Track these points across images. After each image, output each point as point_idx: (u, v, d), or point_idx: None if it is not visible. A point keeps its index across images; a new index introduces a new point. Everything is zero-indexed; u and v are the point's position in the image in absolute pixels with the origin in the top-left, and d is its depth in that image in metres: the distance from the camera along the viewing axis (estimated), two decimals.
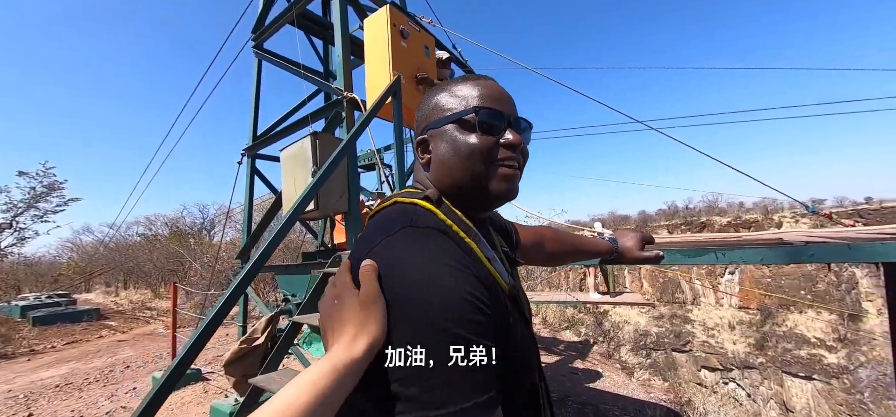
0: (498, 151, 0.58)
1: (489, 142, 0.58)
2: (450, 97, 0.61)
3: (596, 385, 4.76)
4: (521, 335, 0.53)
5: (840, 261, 1.06)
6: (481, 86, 0.61)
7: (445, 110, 0.60)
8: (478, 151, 0.57)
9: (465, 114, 0.58)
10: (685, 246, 1.29)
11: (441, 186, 0.61)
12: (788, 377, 13.20)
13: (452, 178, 0.60)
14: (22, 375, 5.37)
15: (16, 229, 11.68)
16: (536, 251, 0.98)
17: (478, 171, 0.58)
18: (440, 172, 0.61)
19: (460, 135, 0.58)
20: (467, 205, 0.61)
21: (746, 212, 17.96)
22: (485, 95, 0.59)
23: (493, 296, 0.48)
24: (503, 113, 0.59)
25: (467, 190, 0.60)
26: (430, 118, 0.63)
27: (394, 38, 2.67)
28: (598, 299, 6.37)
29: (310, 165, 2.44)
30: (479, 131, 0.58)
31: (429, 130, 0.62)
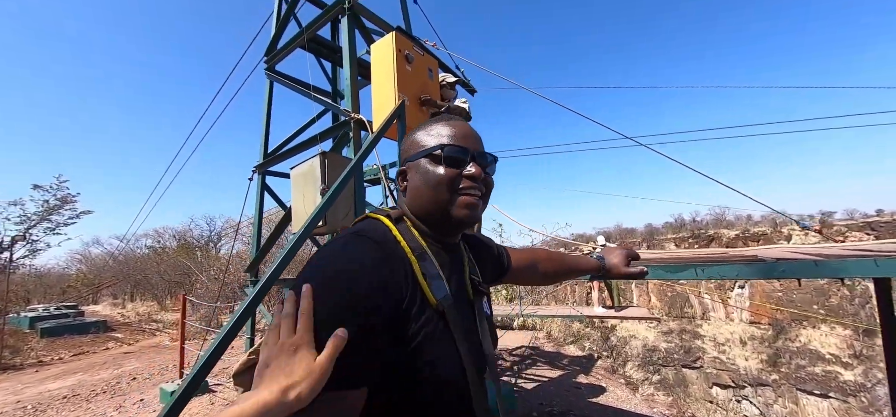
0: (460, 181, 0.68)
1: (453, 174, 0.67)
2: (425, 135, 0.71)
3: (599, 399, 4.69)
4: (439, 343, 0.60)
5: (808, 277, 1.11)
6: (451, 126, 0.71)
7: (420, 146, 0.71)
8: (443, 181, 0.67)
9: (434, 149, 0.68)
10: (667, 262, 1.35)
11: (414, 211, 0.72)
12: (804, 395, 12.87)
13: (422, 204, 0.70)
14: (30, 386, 5.41)
15: (29, 241, 11.87)
16: (530, 272, 1.08)
17: (443, 199, 0.67)
18: (413, 198, 0.71)
19: (430, 168, 0.68)
20: (436, 229, 0.71)
21: (755, 225, 17.76)
22: (452, 134, 0.70)
23: (400, 301, 0.57)
24: (467, 148, 0.69)
25: (434, 214, 0.70)
26: (408, 152, 0.74)
27: (399, 63, 2.79)
28: (602, 313, 6.32)
29: (319, 183, 2.51)
30: (444, 164, 0.67)
31: (407, 163, 0.73)
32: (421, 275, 0.62)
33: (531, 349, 7.21)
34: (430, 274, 0.63)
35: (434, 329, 0.60)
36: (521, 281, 1.09)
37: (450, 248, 0.73)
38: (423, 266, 0.63)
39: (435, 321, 0.60)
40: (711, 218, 19.81)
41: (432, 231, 0.71)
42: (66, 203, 12.08)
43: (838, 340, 13.30)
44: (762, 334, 14.69)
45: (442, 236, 0.72)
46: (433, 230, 0.71)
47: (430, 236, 0.71)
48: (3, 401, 4.71)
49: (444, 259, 0.70)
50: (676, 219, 21.23)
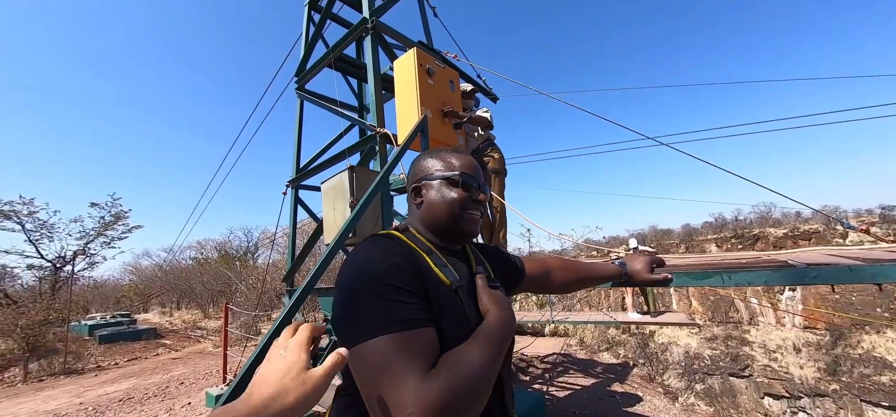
0: (470, 204, 0.85)
1: (465, 196, 0.84)
2: (441, 162, 0.88)
3: (635, 408, 4.50)
4: (454, 317, 0.70)
5: (841, 283, 1.02)
6: (463, 158, 0.88)
7: (437, 170, 0.87)
8: (457, 201, 0.84)
9: (452, 175, 0.85)
10: (692, 268, 1.29)
11: (427, 221, 0.86)
12: (869, 407, 11.82)
13: (437, 216, 0.85)
14: (91, 389, 5.85)
15: (88, 255, 12.87)
16: (545, 279, 1.16)
17: (456, 214, 0.84)
18: (430, 212, 0.86)
19: (447, 189, 0.85)
20: (444, 238, 0.86)
21: (805, 223, 16.54)
22: (465, 165, 0.87)
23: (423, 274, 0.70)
24: (476, 179, 0.87)
25: (446, 225, 0.85)
26: (423, 172, 0.89)
27: (421, 77, 2.88)
28: (637, 319, 6.07)
29: (348, 196, 2.61)
30: (460, 188, 0.84)
31: (423, 180, 0.88)
32: (432, 264, 0.76)
33: (563, 356, 7.03)
34: (439, 263, 0.77)
35: (450, 304, 0.71)
36: (537, 289, 1.19)
37: (454, 253, 0.88)
38: (432, 258, 0.77)
39: (451, 298, 0.73)
40: (756, 217, 18.62)
41: (440, 239, 0.86)
42: (120, 219, 13.02)
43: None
44: (819, 340, 13.62)
45: (448, 243, 0.87)
46: (441, 238, 0.86)
47: (434, 243, 0.85)
48: (68, 403, 5.12)
49: (450, 258, 0.84)
50: (717, 219, 20.13)
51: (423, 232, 0.86)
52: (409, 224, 0.89)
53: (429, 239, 0.85)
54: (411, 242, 0.79)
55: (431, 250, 0.79)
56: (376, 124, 3.00)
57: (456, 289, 0.73)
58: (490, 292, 0.74)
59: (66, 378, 6.77)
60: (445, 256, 0.82)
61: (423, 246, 0.79)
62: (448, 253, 0.84)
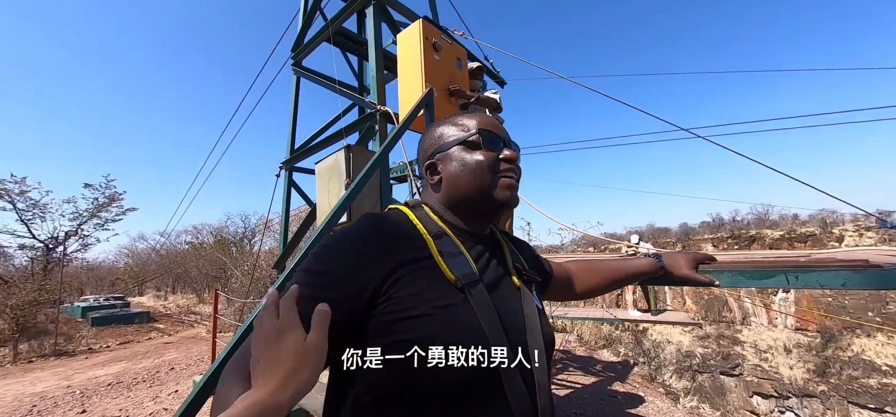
0: (499, 164, 0.70)
1: (491, 157, 0.69)
2: (453, 127, 0.73)
3: (638, 410, 4.46)
4: (457, 317, 0.56)
5: None
6: (478, 116, 0.73)
7: (451, 136, 0.72)
8: (484, 165, 0.68)
9: (470, 136, 0.70)
10: (748, 266, 1.12)
11: (451, 200, 0.71)
12: (856, 409, 11.97)
13: (462, 191, 0.69)
14: (80, 372, 5.78)
15: (81, 236, 12.73)
16: (568, 285, 0.99)
17: (484, 182, 0.68)
18: (450, 187, 0.70)
19: (467, 155, 0.69)
20: (473, 215, 0.71)
21: (801, 225, 16.60)
22: (484, 121, 0.72)
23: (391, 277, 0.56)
24: (499, 135, 0.71)
25: (475, 199, 0.69)
26: (436, 144, 0.74)
27: (426, 51, 2.70)
28: (637, 317, 6.04)
29: (343, 178, 2.47)
30: (483, 148, 0.69)
31: (437, 154, 0.73)
32: (437, 253, 0.61)
33: (563, 353, 7.01)
34: (448, 252, 0.63)
35: (451, 305, 0.57)
36: (563, 297, 1.01)
37: (481, 237, 0.72)
38: (440, 244, 0.63)
39: (452, 297, 0.58)
40: (753, 218, 18.67)
41: (468, 219, 0.71)
42: (114, 201, 12.87)
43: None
44: (809, 342, 13.75)
45: (477, 223, 0.72)
46: (469, 218, 0.71)
47: (455, 225, 0.70)
48: (56, 386, 5.05)
49: (473, 244, 0.69)
50: (714, 218, 20.16)
51: (441, 211, 0.71)
52: (425, 201, 0.74)
53: (448, 220, 0.70)
54: (419, 222, 0.66)
55: (443, 233, 0.66)
56: (377, 102, 2.83)
57: (463, 287, 0.58)
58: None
59: (57, 360, 6.69)
60: (467, 242, 0.68)
61: (435, 229, 0.66)
62: (473, 239, 0.70)
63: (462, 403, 0.53)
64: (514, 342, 0.59)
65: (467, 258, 0.64)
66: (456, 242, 0.65)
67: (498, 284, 0.66)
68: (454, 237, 0.66)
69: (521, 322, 0.63)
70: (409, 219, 0.67)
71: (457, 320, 0.56)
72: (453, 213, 0.71)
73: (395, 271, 0.56)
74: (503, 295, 0.65)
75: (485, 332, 0.56)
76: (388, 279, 0.56)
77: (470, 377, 0.53)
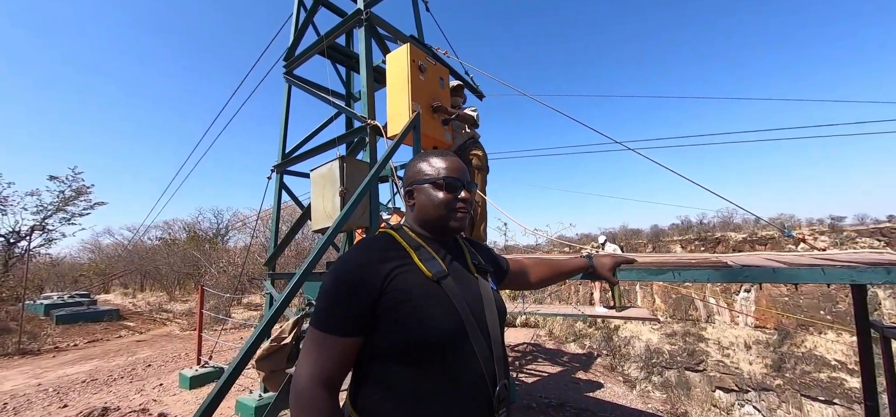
0: (456, 203, 0.96)
1: (450, 197, 0.96)
2: (428, 166, 0.99)
3: (595, 394, 4.80)
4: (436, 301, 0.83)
5: (766, 282, 1.27)
6: (447, 161, 0.99)
7: (425, 175, 0.98)
8: (444, 202, 0.95)
9: (437, 179, 0.96)
10: (649, 265, 1.52)
11: (419, 220, 0.99)
12: (807, 400, 12.80)
13: (428, 217, 0.97)
14: (49, 370, 5.63)
15: (45, 231, 12.17)
16: (522, 277, 1.31)
17: (443, 214, 0.96)
18: (420, 212, 0.98)
19: (434, 192, 0.96)
20: (436, 233, 0.98)
21: (762, 229, 17.62)
22: (449, 168, 0.97)
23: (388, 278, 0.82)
24: (460, 180, 0.97)
25: (436, 223, 0.97)
26: (415, 178, 1.00)
27: (413, 73, 2.98)
28: (604, 313, 6.39)
29: (337, 185, 2.68)
30: (445, 190, 0.95)
31: (414, 185, 1.00)
32: (417, 259, 0.89)
33: (533, 345, 7.31)
34: (425, 257, 0.90)
35: (430, 292, 0.84)
36: (517, 286, 1.33)
37: (447, 245, 1.00)
38: (418, 253, 0.90)
39: (431, 287, 0.85)
40: (719, 222, 19.69)
41: (432, 234, 0.98)
42: (81, 194, 12.35)
43: (845, 347, 13.20)
44: (767, 339, 14.62)
45: (439, 237, 0.99)
46: (433, 233, 0.98)
47: (428, 237, 0.98)
48: (25, 384, 4.92)
49: (441, 251, 0.95)
50: (683, 222, 21.13)
51: (416, 229, 0.99)
52: (405, 222, 1.03)
53: (421, 234, 0.97)
54: (403, 240, 0.93)
55: (420, 245, 0.92)
56: (367, 115, 3.06)
57: (438, 280, 0.85)
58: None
59: (21, 359, 6.46)
60: (437, 249, 0.94)
61: (413, 243, 0.92)
62: (441, 246, 0.97)
63: (443, 351, 0.80)
64: (475, 312, 0.87)
65: (439, 261, 0.90)
66: (430, 251, 0.92)
67: (461, 276, 0.93)
68: (428, 247, 0.93)
69: (479, 298, 0.92)
70: (395, 239, 0.93)
71: (436, 300, 0.83)
72: (424, 230, 0.98)
73: (390, 273, 0.82)
74: (466, 283, 0.93)
75: (454, 306, 0.84)
76: (386, 280, 0.81)
77: (447, 335, 0.81)
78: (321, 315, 0.81)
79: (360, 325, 0.80)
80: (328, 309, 0.81)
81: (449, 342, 0.81)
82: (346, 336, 0.79)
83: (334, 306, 0.80)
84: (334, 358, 0.79)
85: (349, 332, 0.80)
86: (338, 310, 0.80)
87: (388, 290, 0.81)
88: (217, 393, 1.70)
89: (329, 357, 0.79)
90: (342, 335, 0.79)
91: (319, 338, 0.80)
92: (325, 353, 0.79)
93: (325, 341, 0.79)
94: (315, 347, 0.80)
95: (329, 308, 0.81)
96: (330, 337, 0.79)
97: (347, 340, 0.80)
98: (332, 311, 0.80)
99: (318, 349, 0.79)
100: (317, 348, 0.79)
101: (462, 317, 0.83)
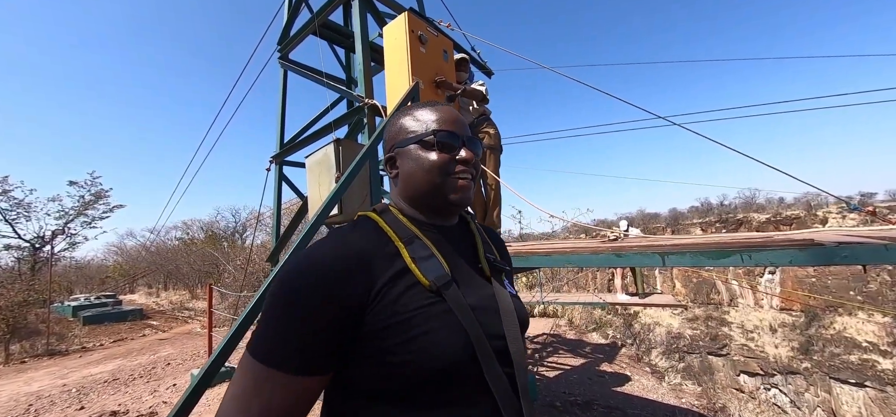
0: (454, 166, 0.70)
1: (446, 159, 0.69)
2: (413, 121, 0.73)
3: (624, 388, 4.61)
4: (435, 320, 0.59)
5: (876, 263, 0.98)
6: (439, 111, 0.72)
7: (409, 132, 0.72)
8: (437, 166, 0.69)
9: (425, 135, 0.70)
10: (708, 247, 1.22)
11: (407, 196, 0.73)
12: (837, 384, 12.39)
13: (416, 189, 0.71)
14: (75, 370, 5.77)
15: (68, 235, 12.55)
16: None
17: (437, 182, 0.69)
18: (407, 184, 0.72)
19: (422, 153, 0.70)
20: (431, 212, 0.73)
21: (787, 209, 16.97)
22: (442, 119, 0.71)
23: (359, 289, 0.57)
24: (457, 134, 0.71)
25: (429, 198, 0.71)
26: (396, 138, 0.74)
27: (412, 44, 2.71)
28: (626, 300, 6.19)
29: (333, 171, 2.51)
30: (437, 149, 0.69)
31: (396, 149, 0.73)
32: (410, 260, 0.62)
33: (552, 336, 7.17)
34: (420, 256, 0.64)
35: (428, 308, 0.59)
36: None
37: (448, 231, 0.74)
38: (411, 250, 0.64)
39: (429, 301, 0.60)
40: (740, 202, 19.05)
41: (426, 214, 0.73)
42: (100, 198, 12.67)
43: (877, 328, 12.68)
44: (794, 321, 14.14)
45: (437, 219, 0.73)
46: (427, 214, 0.73)
47: (422, 221, 0.72)
48: (51, 385, 5.04)
49: (442, 242, 0.70)
50: (703, 203, 20.52)
51: (406, 210, 0.73)
52: (392, 202, 0.76)
53: (413, 218, 0.72)
54: (389, 228, 0.67)
55: (414, 237, 0.67)
56: (364, 95, 2.86)
57: (438, 289, 0.60)
58: None
59: (50, 360, 6.66)
60: (436, 239, 0.69)
61: (405, 233, 0.67)
62: (441, 234, 0.71)
63: (445, 391, 0.57)
64: (490, 331, 0.62)
65: (439, 259, 0.65)
66: (427, 244, 0.66)
67: (470, 279, 0.68)
68: (424, 238, 0.67)
69: (495, 309, 0.67)
70: (379, 227, 0.67)
71: (436, 318, 0.58)
72: (416, 210, 0.72)
73: (375, 283, 0.58)
74: (476, 288, 0.68)
75: (462, 326, 0.59)
76: (369, 294, 0.57)
77: (450, 367, 0.57)
78: (264, 339, 0.55)
79: (326, 360, 0.56)
80: (276, 331, 0.54)
81: (454, 375, 0.57)
82: (303, 374, 0.54)
83: (285, 328, 0.54)
84: (281, 407, 0.53)
85: (307, 369, 0.54)
86: (293, 335, 0.54)
87: (373, 309, 0.57)
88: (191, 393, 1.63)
89: (272, 404, 0.53)
90: (296, 372, 0.54)
91: (259, 374, 0.53)
92: (264, 396, 0.53)
93: (268, 379, 0.53)
94: (251, 388, 0.53)
95: (277, 330, 0.54)
96: (277, 373, 0.53)
97: (304, 380, 0.54)
98: (281, 336, 0.54)
99: (255, 390, 0.53)
100: (253, 389, 0.53)
101: (473, 340, 0.59)
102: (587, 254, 1.41)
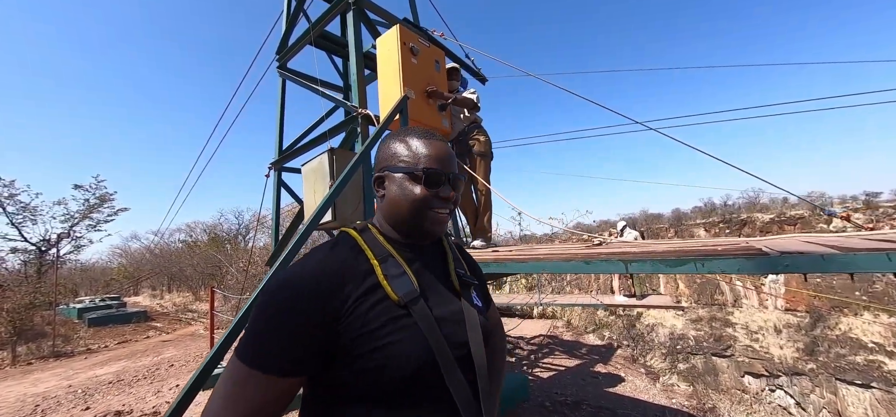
0: (436, 202, 0.75)
1: (429, 195, 0.74)
2: (405, 149, 0.77)
3: (615, 389, 4.63)
4: (402, 332, 0.66)
5: (815, 272, 1.03)
6: (430, 146, 0.77)
7: (400, 160, 0.77)
8: (420, 199, 0.74)
9: (415, 169, 0.75)
10: (667, 256, 1.29)
11: (388, 218, 0.79)
12: (843, 385, 12.29)
13: (398, 215, 0.77)
14: (80, 372, 5.86)
15: (73, 238, 12.71)
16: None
17: (417, 214, 0.75)
18: (390, 208, 0.78)
19: (409, 185, 0.75)
20: (407, 236, 0.79)
21: (791, 209, 16.84)
22: (432, 156, 0.76)
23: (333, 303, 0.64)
24: (443, 172, 0.76)
25: (408, 226, 0.77)
26: (388, 162, 0.79)
27: (404, 56, 2.79)
28: (623, 301, 6.21)
29: (328, 179, 2.58)
30: (423, 184, 0.74)
31: (386, 171, 0.79)
32: (382, 277, 0.69)
33: (549, 338, 7.18)
34: (392, 274, 0.70)
35: (396, 320, 0.66)
36: None
37: (422, 249, 0.81)
38: (385, 268, 0.71)
39: (398, 314, 0.67)
40: (744, 203, 18.94)
41: (403, 236, 0.79)
42: (105, 201, 12.83)
43: (883, 328, 12.57)
44: (799, 322, 14.04)
45: (413, 240, 0.80)
46: (404, 236, 0.79)
47: (399, 241, 0.78)
48: (57, 386, 5.12)
49: (414, 261, 0.77)
50: (706, 204, 20.41)
51: (385, 229, 0.80)
52: (373, 220, 0.83)
53: (390, 238, 0.78)
54: (367, 246, 0.73)
55: (389, 255, 0.73)
56: (358, 105, 2.93)
57: (406, 304, 0.67)
58: None
59: (56, 361, 6.76)
60: (409, 258, 0.76)
61: (381, 252, 0.73)
62: (415, 253, 0.78)
63: (411, 394, 0.65)
64: (454, 341, 0.70)
65: (410, 276, 0.72)
66: (400, 262, 0.73)
67: (438, 293, 0.76)
68: (398, 257, 0.74)
69: (461, 321, 0.75)
70: (357, 245, 0.74)
71: (402, 331, 0.65)
72: (395, 230, 0.79)
73: (349, 297, 0.65)
74: (445, 302, 0.76)
75: (425, 338, 0.66)
76: (344, 306, 0.64)
77: (414, 373, 0.64)
78: (251, 344, 0.61)
79: (303, 365, 0.62)
80: (262, 337, 0.62)
81: (418, 381, 0.65)
82: (282, 376, 0.61)
83: (271, 334, 0.61)
84: (263, 404, 0.60)
85: (288, 371, 0.61)
86: (275, 341, 0.61)
87: (346, 320, 0.64)
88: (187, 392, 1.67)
89: (255, 402, 0.60)
90: (279, 374, 0.61)
91: (244, 376, 0.60)
92: (248, 395, 0.60)
93: (252, 380, 0.60)
94: (237, 387, 0.60)
95: (263, 336, 0.62)
96: (260, 375, 0.60)
97: (284, 381, 0.62)
98: (266, 341, 0.61)
99: (241, 389, 0.60)
100: (239, 388, 0.60)
101: (434, 350, 0.66)
102: (559, 261, 1.45)
